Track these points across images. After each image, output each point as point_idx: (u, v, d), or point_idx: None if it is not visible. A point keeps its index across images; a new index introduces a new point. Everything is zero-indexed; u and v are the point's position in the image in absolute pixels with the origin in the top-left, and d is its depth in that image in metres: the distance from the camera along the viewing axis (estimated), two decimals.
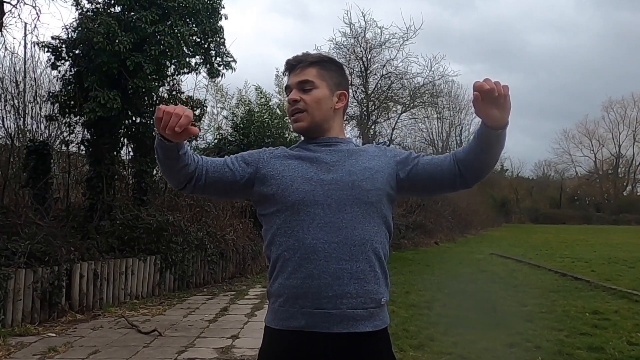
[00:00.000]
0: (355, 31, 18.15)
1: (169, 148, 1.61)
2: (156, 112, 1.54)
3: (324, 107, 1.77)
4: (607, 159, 58.36)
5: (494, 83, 1.53)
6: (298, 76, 1.78)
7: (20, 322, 5.93)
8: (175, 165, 1.66)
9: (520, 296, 8.21)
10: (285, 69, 1.83)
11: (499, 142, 1.65)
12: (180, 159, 1.65)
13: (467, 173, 1.73)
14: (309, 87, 1.76)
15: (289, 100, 1.78)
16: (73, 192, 9.43)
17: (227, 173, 1.74)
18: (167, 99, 9.09)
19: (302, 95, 1.75)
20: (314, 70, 1.78)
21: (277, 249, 1.68)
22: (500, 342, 5.33)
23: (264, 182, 1.72)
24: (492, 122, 1.59)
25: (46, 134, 8.99)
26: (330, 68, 1.83)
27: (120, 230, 8.09)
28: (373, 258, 1.66)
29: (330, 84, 1.80)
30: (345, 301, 1.61)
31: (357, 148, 1.81)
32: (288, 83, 1.81)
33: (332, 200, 1.66)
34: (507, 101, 1.57)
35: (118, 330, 5.96)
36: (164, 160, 1.66)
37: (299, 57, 1.82)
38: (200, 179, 1.71)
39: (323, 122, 1.78)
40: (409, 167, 1.77)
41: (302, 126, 1.77)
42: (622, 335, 5.69)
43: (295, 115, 1.77)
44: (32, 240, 6.38)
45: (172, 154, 1.63)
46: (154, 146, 1.66)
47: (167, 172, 1.71)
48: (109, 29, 7.54)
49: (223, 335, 5.78)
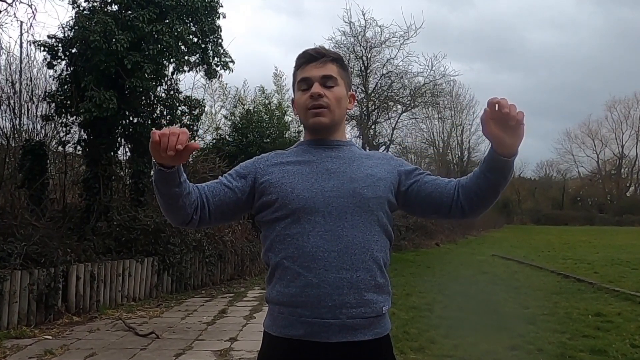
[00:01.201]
0: (355, 30, 18.04)
1: (171, 176, 1.53)
2: (152, 138, 1.44)
3: (343, 106, 1.73)
4: (610, 159, 58.18)
5: (510, 106, 1.45)
6: (321, 70, 1.70)
7: (16, 325, 5.90)
8: (178, 196, 1.57)
9: (522, 298, 8.19)
10: (304, 60, 1.74)
11: (503, 172, 1.58)
12: (183, 187, 1.57)
13: (465, 201, 1.67)
14: (331, 83, 1.70)
15: (312, 94, 1.68)
16: (69, 193, 9.42)
17: (228, 193, 1.68)
18: (165, 98, 9.08)
19: (326, 91, 1.69)
20: (335, 67, 1.73)
21: (276, 256, 1.64)
22: (502, 345, 5.29)
23: (264, 191, 1.68)
24: (499, 147, 1.53)
25: (42, 134, 8.99)
26: (346, 68, 1.78)
27: (117, 231, 8.07)
28: (374, 267, 1.63)
29: (347, 83, 1.76)
30: (345, 311, 1.58)
31: (360, 153, 1.77)
32: (308, 75, 1.71)
33: (333, 207, 1.62)
34: (519, 127, 1.49)
35: (115, 333, 5.93)
36: (167, 193, 1.57)
37: (320, 50, 1.74)
38: (205, 207, 1.65)
39: (339, 122, 1.74)
40: (411, 180, 1.73)
41: (324, 122, 1.70)
42: (625, 338, 5.66)
43: (318, 109, 1.69)
44: (28, 241, 6.35)
45: (174, 182, 1.54)
46: (153, 182, 1.57)
47: (170, 208, 1.62)
48: (105, 27, 7.51)
49: (221, 337, 5.74)
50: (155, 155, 1.47)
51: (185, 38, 8.31)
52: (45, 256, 6.43)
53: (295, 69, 1.77)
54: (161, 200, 1.60)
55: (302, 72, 1.72)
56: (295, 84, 1.77)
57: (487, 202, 1.67)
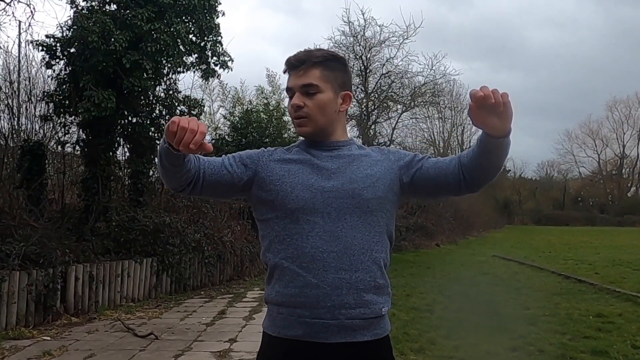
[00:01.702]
0: (354, 29, 18.01)
1: (176, 156, 1.53)
2: (169, 125, 1.44)
3: (329, 111, 1.69)
4: (611, 160, 58.07)
5: (492, 91, 1.44)
6: (301, 78, 1.67)
7: (15, 326, 5.87)
8: (178, 171, 1.59)
9: (523, 299, 8.16)
10: (286, 68, 1.72)
11: (502, 150, 1.58)
12: (185, 166, 1.58)
13: (471, 179, 1.68)
14: (313, 90, 1.66)
15: (292, 105, 1.69)
16: (68, 193, 9.40)
17: (225, 175, 1.68)
18: (164, 98, 9.05)
19: (306, 100, 1.66)
20: (318, 72, 1.67)
21: (275, 256, 1.64)
22: (503, 346, 5.28)
23: (263, 186, 1.68)
24: (492, 131, 1.52)
25: (41, 134, 8.96)
26: (335, 67, 1.72)
27: (116, 232, 8.04)
28: (373, 267, 1.63)
29: (335, 85, 1.70)
30: (344, 311, 1.58)
31: (360, 152, 1.75)
32: (290, 85, 1.70)
33: (332, 208, 1.62)
34: (507, 108, 1.47)
35: (114, 334, 5.91)
36: (169, 167, 1.58)
37: (301, 57, 1.70)
38: (199, 181, 1.65)
39: (327, 126, 1.71)
40: (413, 170, 1.72)
41: (306, 131, 1.70)
42: (626, 339, 5.63)
43: (299, 119, 1.69)
44: (26, 242, 6.33)
45: (178, 162, 1.55)
46: (158, 151, 1.57)
47: (167, 177, 1.64)
48: (104, 27, 7.50)
49: (221, 338, 5.71)
50: (168, 138, 1.46)
51: (184, 37, 8.28)
52: (44, 257, 6.40)
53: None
54: (161, 168, 1.62)
55: (287, 81, 1.72)
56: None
57: (492, 175, 1.68)
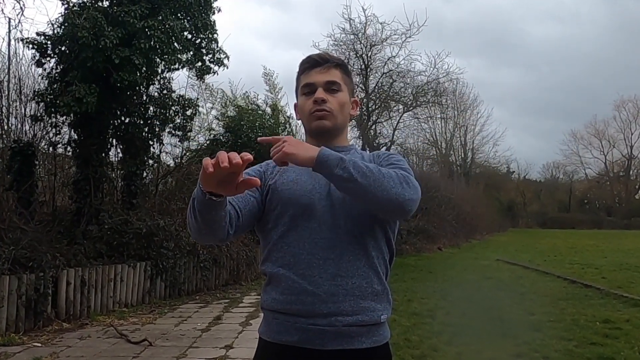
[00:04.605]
0: (355, 27, 17.88)
1: (219, 203, 1.43)
2: (204, 168, 1.31)
3: (346, 112, 1.78)
4: (618, 161, 57.43)
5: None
6: (325, 75, 1.75)
7: (4, 332, 5.83)
8: (222, 218, 1.50)
9: (528, 304, 8.15)
10: (308, 65, 1.77)
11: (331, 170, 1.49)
12: (225, 211, 1.50)
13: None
14: (335, 88, 1.75)
15: (316, 99, 1.72)
16: (59, 195, 9.37)
17: (252, 201, 1.66)
18: (158, 98, 9.00)
19: (329, 96, 1.73)
20: (339, 73, 1.78)
21: (273, 264, 1.66)
22: (507, 353, 5.27)
23: (268, 195, 1.70)
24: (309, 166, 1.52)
25: (31, 134, 8.88)
26: (349, 73, 1.83)
27: (108, 235, 7.99)
28: (371, 274, 1.63)
29: (350, 89, 1.81)
30: (341, 318, 1.58)
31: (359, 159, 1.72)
32: (312, 80, 1.75)
33: (330, 215, 1.63)
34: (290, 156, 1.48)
35: (106, 340, 5.89)
36: (211, 218, 1.47)
37: (324, 56, 1.80)
38: (239, 220, 1.61)
39: (342, 127, 1.78)
40: None
41: (326, 125, 1.73)
42: (634, 346, 5.59)
43: (321, 112, 1.72)
44: (16, 245, 6.33)
45: (221, 207, 1.46)
46: (195, 208, 1.46)
47: (211, 230, 1.51)
48: (95, 23, 7.41)
49: (216, 345, 5.69)
50: (205, 181, 1.36)
51: (178, 34, 8.19)
52: (34, 261, 6.37)
53: (298, 74, 1.80)
54: (201, 225, 1.49)
55: (305, 78, 1.77)
56: (298, 89, 1.80)
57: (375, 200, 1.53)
